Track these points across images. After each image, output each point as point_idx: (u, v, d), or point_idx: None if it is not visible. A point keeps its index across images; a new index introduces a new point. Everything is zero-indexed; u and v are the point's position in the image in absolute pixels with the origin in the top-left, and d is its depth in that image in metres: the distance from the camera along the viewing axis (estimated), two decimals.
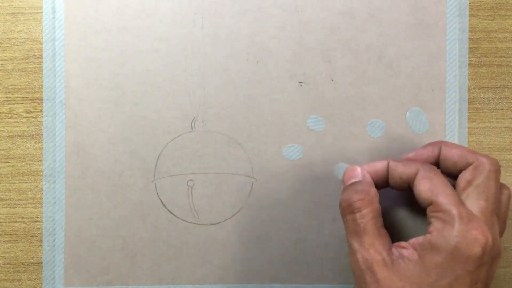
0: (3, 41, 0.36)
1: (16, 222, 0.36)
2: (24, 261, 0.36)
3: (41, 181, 0.35)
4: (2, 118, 0.36)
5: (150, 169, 0.35)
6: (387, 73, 0.36)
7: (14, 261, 0.36)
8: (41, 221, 0.35)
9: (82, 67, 0.35)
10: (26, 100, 0.36)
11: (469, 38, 0.36)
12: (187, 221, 0.35)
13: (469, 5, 0.36)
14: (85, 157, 0.35)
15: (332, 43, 0.36)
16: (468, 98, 0.36)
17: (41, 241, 0.35)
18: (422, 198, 0.28)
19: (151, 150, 0.35)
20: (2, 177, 0.36)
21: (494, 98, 0.37)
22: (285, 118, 0.36)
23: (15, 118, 0.36)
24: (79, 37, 0.35)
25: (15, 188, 0.36)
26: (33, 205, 0.36)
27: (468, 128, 0.36)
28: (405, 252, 0.27)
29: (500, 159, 0.37)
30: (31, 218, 0.36)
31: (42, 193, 0.35)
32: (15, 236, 0.36)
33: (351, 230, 0.29)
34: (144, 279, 0.35)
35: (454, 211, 0.26)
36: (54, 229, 0.35)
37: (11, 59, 0.36)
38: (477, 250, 0.25)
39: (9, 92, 0.36)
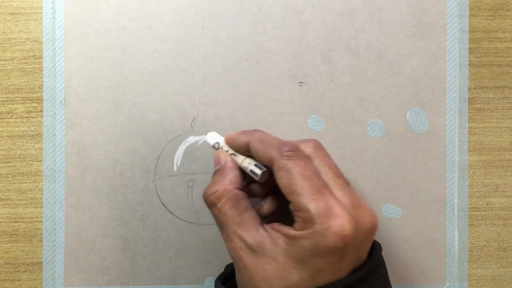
0: (3, 41, 0.36)
1: (16, 222, 0.36)
2: (24, 261, 0.36)
3: (41, 181, 0.35)
4: (2, 118, 0.36)
5: (150, 169, 0.35)
6: (387, 73, 0.36)
7: (14, 261, 0.36)
8: (41, 221, 0.35)
9: (82, 67, 0.35)
10: (26, 100, 0.36)
11: (469, 38, 0.36)
12: (187, 221, 0.35)
13: (469, 5, 0.36)
14: (85, 157, 0.35)
15: (332, 43, 0.36)
16: (468, 98, 0.36)
17: (41, 241, 0.35)
18: (283, 194, 0.27)
19: (151, 150, 0.35)
20: (2, 177, 0.36)
21: (494, 98, 0.37)
22: (285, 118, 0.36)
23: (15, 118, 0.36)
24: (79, 37, 0.35)
25: (15, 188, 0.36)
26: (33, 205, 0.36)
27: (469, 128, 0.36)
28: (274, 235, 0.27)
29: (500, 159, 0.37)
30: (31, 218, 0.36)
31: (42, 193, 0.35)
32: (15, 236, 0.36)
33: (216, 222, 0.29)
34: (144, 279, 0.35)
35: (312, 209, 0.25)
36: (54, 229, 0.35)
37: (11, 59, 0.36)
38: (337, 244, 0.25)
39: (9, 92, 0.36)
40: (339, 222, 0.25)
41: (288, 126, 0.36)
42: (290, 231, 0.26)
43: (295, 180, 0.26)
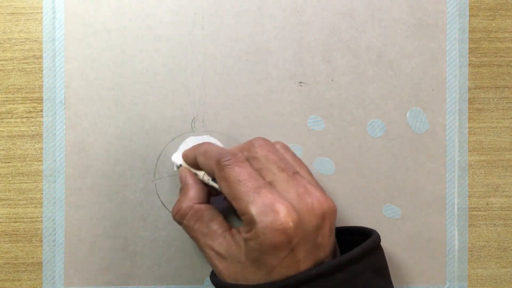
0: (3, 41, 0.36)
1: (16, 222, 0.36)
2: (24, 261, 0.36)
3: (41, 181, 0.35)
4: (2, 118, 0.36)
5: (150, 169, 0.35)
6: (387, 73, 0.36)
7: (14, 261, 0.36)
8: (41, 221, 0.35)
9: (82, 67, 0.35)
10: (26, 100, 0.36)
11: (469, 38, 0.36)
12: None
13: (469, 5, 0.36)
14: (85, 157, 0.35)
15: (332, 43, 0.36)
16: (468, 98, 0.36)
17: (41, 241, 0.35)
18: (228, 201, 0.28)
19: (151, 150, 0.35)
20: (2, 177, 0.36)
21: (494, 98, 0.37)
22: (285, 118, 0.36)
23: (15, 118, 0.36)
24: (79, 37, 0.35)
25: (15, 188, 0.36)
26: (33, 205, 0.36)
27: (468, 128, 0.36)
28: (238, 239, 0.28)
29: (500, 159, 0.37)
30: (31, 218, 0.36)
31: (42, 193, 0.35)
32: (15, 236, 0.36)
33: (189, 235, 0.31)
34: (144, 279, 0.35)
35: (251, 210, 0.26)
36: (54, 229, 0.35)
37: (11, 59, 0.36)
38: (279, 239, 0.26)
39: (9, 92, 0.36)
40: (277, 217, 0.26)
41: (288, 126, 0.36)
42: (244, 234, 0.27)
43: (232, 186, 0.27)
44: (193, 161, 0.32)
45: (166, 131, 0.35)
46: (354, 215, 0.36)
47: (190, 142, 0.35)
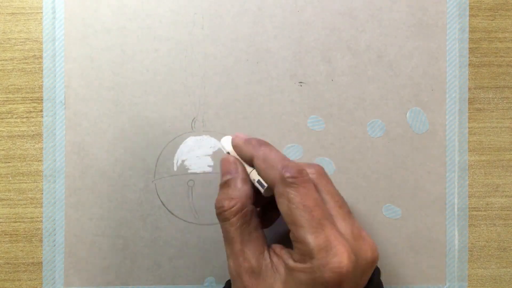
0: (3, 41, 0.36)
1: (16, 222, 0.36)
2: (24, 261, 0.36)
3: (41, 181, 0.35)
4: (2, 118, 0.36)
5: (150, 169, 0.35)
6: (387, 73, 0.36)
7: (14, 261, 0.36)
8: (41, 221, 0.35)
9: (82, 67, 0.35)
10: (26, 100, 0.36)
11: (469, 38, 0.36)
12: (187, 221, 0.35)
13: (469, 5, 0.36)
14: (85, 157, 0.35)
15: (332, 43, 0.36)
16: (468, 98, 0.36)
17: (41, 241, 0.35)
18: (283, 219, 0.26)
19: (151, 150, 0.35)
20: (2, 177, 0.36)
21: (494, 98, 0.37)
22: (285, 118, 0.36)
23: (15, 118, 0.36)
24: (79, 37, 0.35)
25: (15, 188, 0.36)
26: (33, 205, 0.36)
27: (468, 128, 0.36)
28: (276, 261, 0.27)
29: (500, 159, 0.37)
30: (31, 218, 0.36)
31: (42, 193, 0.35)
32: (15, 236, 0.36)
33: (224, 236, 0.28)
34: (144, 279, 0.35)
35: (312, 243, 0.25)
36: (54, 229, 0.35)
37: (11, 59, 0.36)
38: (335, 280, 0.24)
39: (9, 92, 0.36)
40: (338, 259, 0.25)
41: (288, 126, 0.36)
42: (289, 261, 0.26)
43: (295, 210, 0.25)
44: (246, 158, 0.29)
45: (166, 131, 0.35)
46: (354, 215, 0.36)
47: (190, 142, 0.35)
